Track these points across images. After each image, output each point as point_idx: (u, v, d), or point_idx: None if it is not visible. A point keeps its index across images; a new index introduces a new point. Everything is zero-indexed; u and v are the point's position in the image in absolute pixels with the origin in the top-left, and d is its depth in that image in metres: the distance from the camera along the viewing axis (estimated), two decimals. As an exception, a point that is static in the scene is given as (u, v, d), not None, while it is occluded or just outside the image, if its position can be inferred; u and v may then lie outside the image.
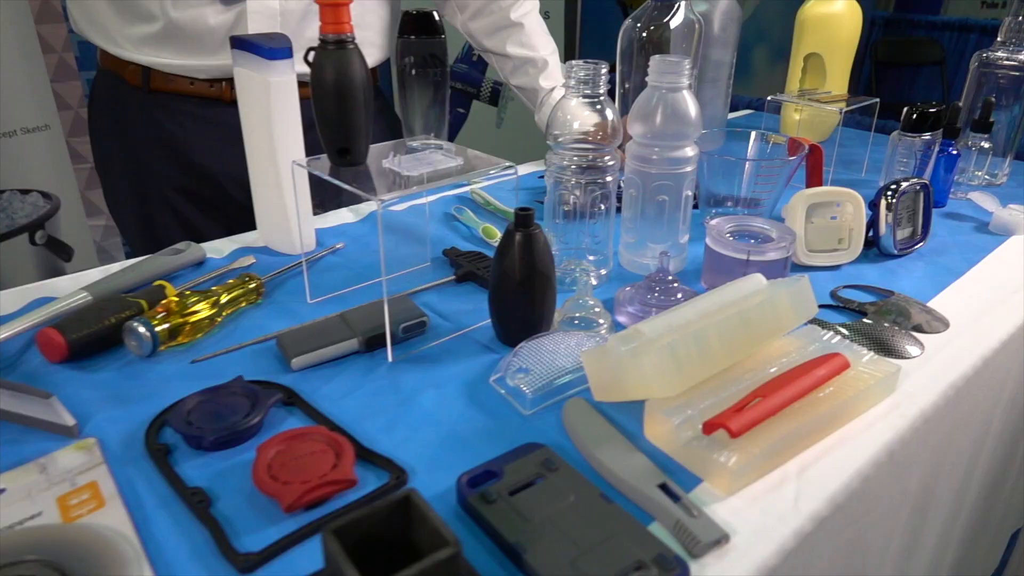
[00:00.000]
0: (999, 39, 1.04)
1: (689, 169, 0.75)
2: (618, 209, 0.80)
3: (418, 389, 0.58)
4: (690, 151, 0.74)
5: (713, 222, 0.75)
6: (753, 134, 0.92)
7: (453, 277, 0.76)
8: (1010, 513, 1.10)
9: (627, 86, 1.04)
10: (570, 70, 0.68)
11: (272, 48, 0.71)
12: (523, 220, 0.60)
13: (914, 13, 4.25)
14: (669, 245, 0.78)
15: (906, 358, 0.63)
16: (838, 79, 1.23)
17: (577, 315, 0.66)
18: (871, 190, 1.04)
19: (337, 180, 0.60)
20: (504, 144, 3.10)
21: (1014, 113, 1.07)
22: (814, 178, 0.90)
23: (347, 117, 0.61)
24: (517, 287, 0.61)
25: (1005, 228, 0.90)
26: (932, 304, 0.73)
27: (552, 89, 1.15)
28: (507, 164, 0.65)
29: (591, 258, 0.76)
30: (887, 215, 0.81)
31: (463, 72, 2.88)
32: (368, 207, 0.94)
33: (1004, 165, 1.09)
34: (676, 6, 0.98)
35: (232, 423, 0.51)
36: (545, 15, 3.07)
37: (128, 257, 0.81)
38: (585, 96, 0.69)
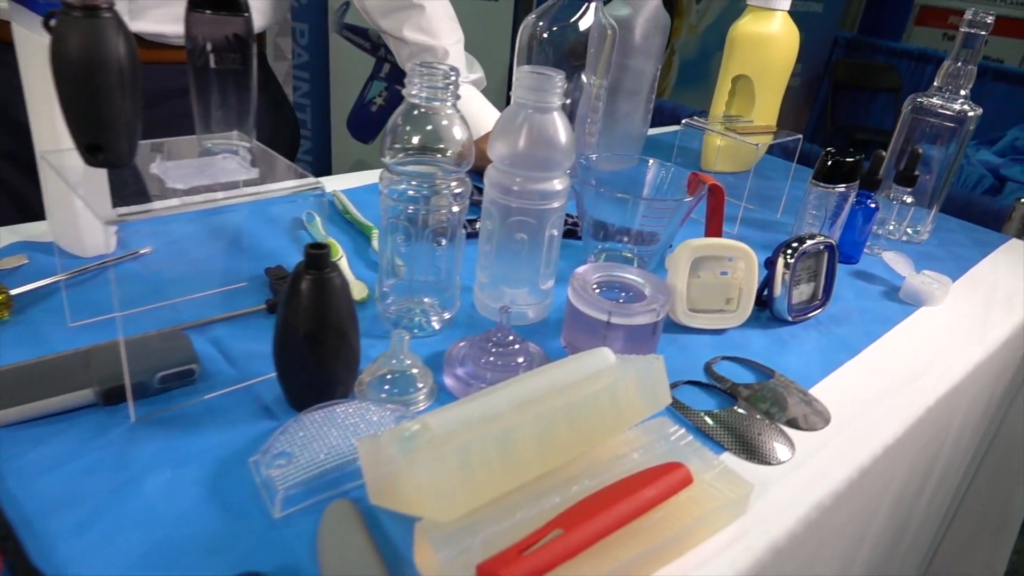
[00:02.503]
0: (935, 84, 0.95)
1: (556, 205, 0.63)
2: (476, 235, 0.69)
3: (152, 466, 0.46)
4: (558, 184, 0.62)
5: (580, 270, 0.64)
6: (652, 163, 0.81)
7: (264, 305, 0.63)
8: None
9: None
10: (413, 75, 0.56)
11: (49, 1, 0.57)
12: (313, 261, 0.48)
13: (876, 38, 4.25)
14: (527, 291, 0.66)
15: (771, 463, 0.53)
16: (768, 105, 1.13)
17: (388, 376, 0.54)
18: (783, 235, 0.95)
19: (68, 181, 0.46)
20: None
21: (946, 159, 0.98)
22: (713, 223, 0.80)
23: (97, 106, 0.47)
24: (302, 342, 0.49)
25: (915, 297, 0.81)
26: (819, 388, 0.63)
27: (451, 84, 1.02)
28: (312, 182, 0.52)
29: (426, 300, 0.64)
30: (784, 275, 0.71)
31: (403, 48, 2.71)
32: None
33: (928, 220, 1.01)
34: (584, 7, 0.86)
35: None
36: (498, -6, 2.90)
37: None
38: (431, 107, 0.57)
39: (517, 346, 0.58)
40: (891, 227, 1.00)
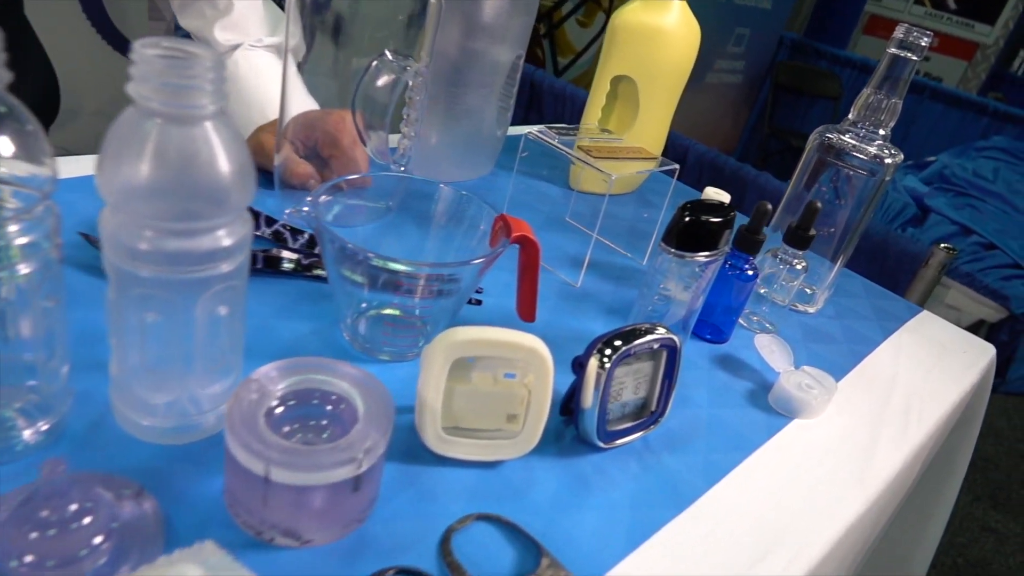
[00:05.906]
0: (850, 116, 0.74)
1: (223, 269, 0.39)
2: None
3: None
4: (227, 236, 0.38)
5: (260, 372, 0.40)
6: (445, 190, 0.58)
7: None
8: None
9: (299, 63, 0.68)
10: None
11: None
12: None
13: (822, 42, 4.14)
14: (174, 399, 0.42)
15: None
16: (656, 117, 0.91)
17: None
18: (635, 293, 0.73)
19: None
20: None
21: (854, 213, 0.78)
22: (523, 288, 0.57)
23: None
24: None
25: (786, 406, 0.61)
26: None
27: (237, 47, 0.76)
28: None
29: (20, 408, 0.40)
30: (599, 380, 0.49)
31: None
32: None
33: (826, 281, 0.81)
34: (385, -40, 0.61)
35: None
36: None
37: None
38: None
39: (88, 519, 0.34)
40: (778, 285, 0.80)
